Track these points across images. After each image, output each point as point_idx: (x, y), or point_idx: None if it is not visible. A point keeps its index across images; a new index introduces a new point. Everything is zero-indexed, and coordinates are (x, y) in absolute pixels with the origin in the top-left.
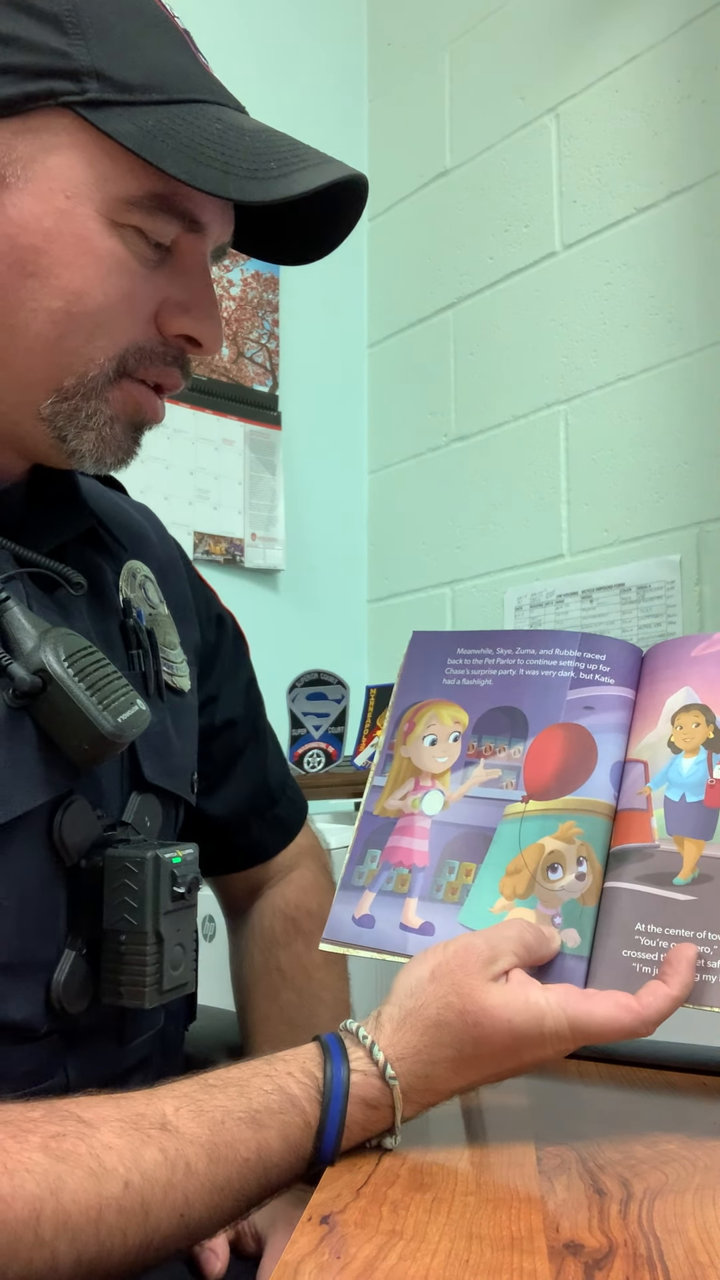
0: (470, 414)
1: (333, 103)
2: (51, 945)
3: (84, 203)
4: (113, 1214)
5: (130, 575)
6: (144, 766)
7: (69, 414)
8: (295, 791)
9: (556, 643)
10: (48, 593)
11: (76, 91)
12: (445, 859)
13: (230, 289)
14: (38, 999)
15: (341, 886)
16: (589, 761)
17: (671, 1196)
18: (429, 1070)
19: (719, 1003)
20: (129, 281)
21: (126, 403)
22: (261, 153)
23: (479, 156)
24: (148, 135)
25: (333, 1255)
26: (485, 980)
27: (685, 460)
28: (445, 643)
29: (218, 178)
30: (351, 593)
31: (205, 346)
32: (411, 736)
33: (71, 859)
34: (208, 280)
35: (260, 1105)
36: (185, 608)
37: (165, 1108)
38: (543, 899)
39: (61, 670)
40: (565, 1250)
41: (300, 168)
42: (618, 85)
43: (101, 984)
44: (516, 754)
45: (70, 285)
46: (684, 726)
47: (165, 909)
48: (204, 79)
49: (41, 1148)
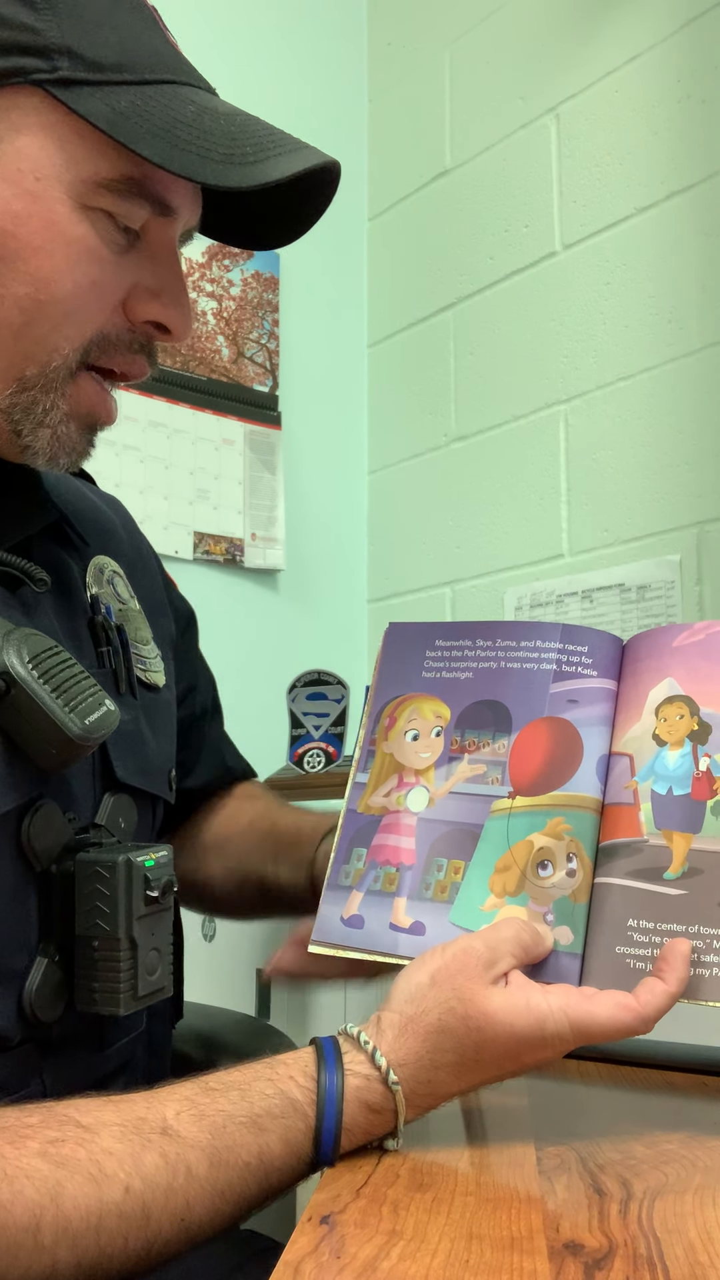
0: (470, 414)
1: (333, 103)
2: (23, 953)
3: (53, 185)
4: (113, 1219)
5: (98, 571)
6: (116, 766)
7: (26, 406)
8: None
9: (537, 634)
10: (10, 590)
11: (47, 69)
12: (433, 857)
13: (230, 289)
14: (9, 1008)
15: (328, 886)
16: (575, 756)
17: (671, 1196)
18: (431, 1076)
19: (714, 996)
20: (98, 268)
21: (81, 401)
22: (237, 137)
23: (479, 156)
24: (120, 116)
25: (333, 1255)
26: (486, 984)
27: (685, 460)
28: (423, 634)
29: (193, 161)
30: (351, 593)
31: (174, 333)
32: (393, 732)
33: (42, 864)
34: (177, 265)
35: (261, 1109)
36: (159, 602)
37: (166, 1112)
38: (534, 896)
39: (25, 672)
40: (565, 1250)
41: (276, 153)
42: (618, 85)
43: (75, 991)
44: (501, 749)
45: (39, 271)
46: (668, 719)
47: (139, 913)
48: (175, 59)
49: (40, 1153)
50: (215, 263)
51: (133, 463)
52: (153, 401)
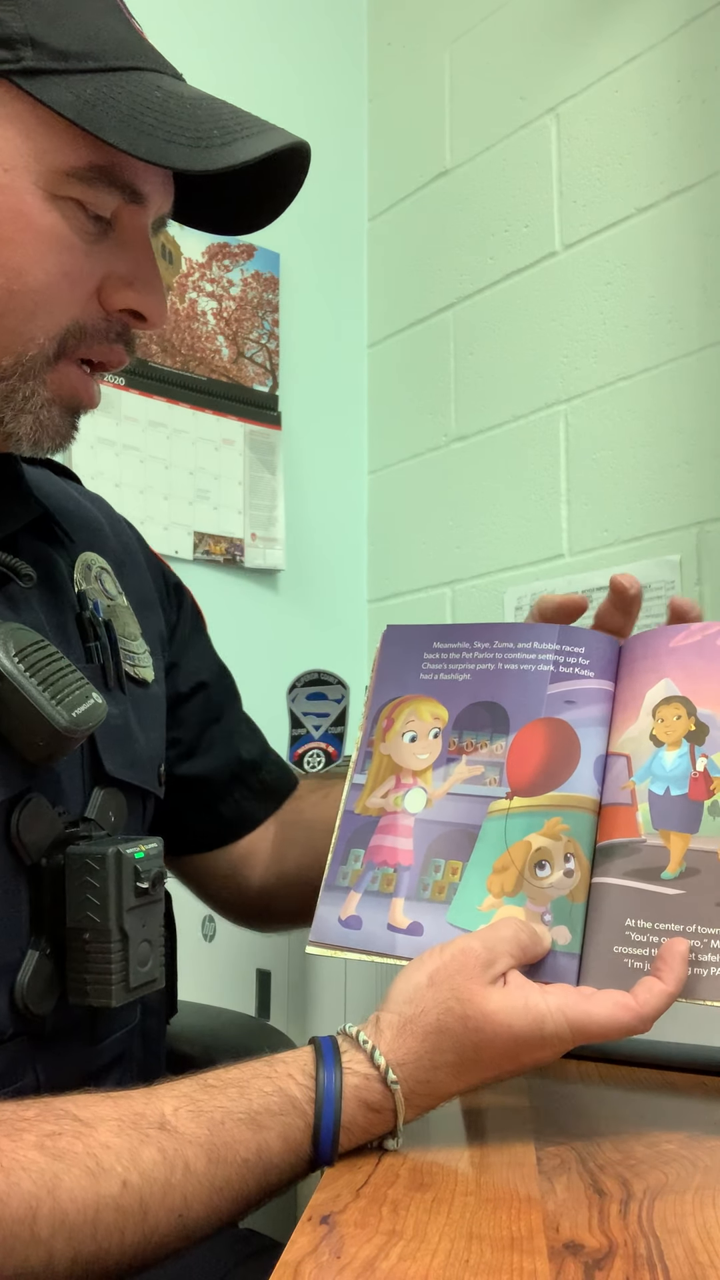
0: (470, 414)
1: (333, 103)
2: (14, 946)
3: (21, 176)
4: (110, 1213)
5: (85, 568)
6: (105, 760)
7: (5, 395)
8: (281, 761)
9: (534, 636)
10: None
11: (11, 60)
12: (431, 857)
13: (230, 289)
14: (2, 1001)
15: (325, 887)
16: (572, 757)
17: (671, 1196)
18: (430, 1076)
19: (712, 996)
20: (69, 258)
21: (63, 386)
22: (204, 121)
23: (479, 156)
24: (86, 104)
25: (332, 1255)
26: (484, 985)
27: (685, 460)
28: (421, 637)
29: (160, 147)
30: (351, 593)
31: (150, 320)
32: (391, 733)
33: (31, 858)
34: (150, 253)
35: (260, 1106)
36: (148, 598)
37: (164, 1107)
38: (531, 896)
39: (11, 666)
40: (565, 1250)
41: (243, 135)
42: (618, 85)
43: (67, 984)
44: (499, 750)
45: (9, 262)
46: (665, 719)
47: (129, 905)
48: (140, 45)
49: (37, 1146)
50: (215, 263)
51: (133, 463)
52: (153, 401)
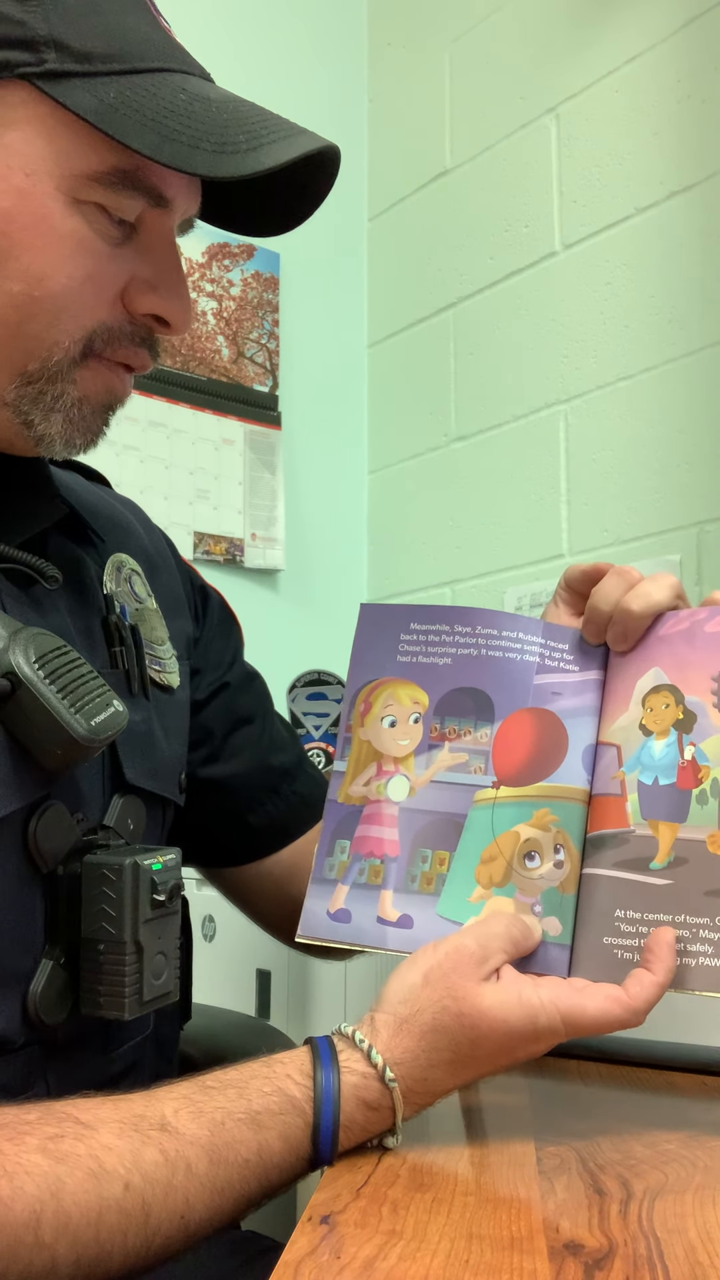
0: (470, 414)
1: (333, 103)
2: (28, 955)
3: (43, 180)
4: (113, 1216)
5: (116, 569)
6: (125, 768)
7: (34, 397)
8: (316, 770)
9: (519, 626)
10: (23, 588)
11: (34, 63)
12: (417, 847)
13: (230, 289)
14: (14, 1010)
15: (313, 880)
16: (560, 747)
17: (671, 1196)
18: (427, 1074)
19: (700, 986)
20: (92, 262)
21: (95, 383)
22: (229, 125)
23: (479, 156)
24: (109, 108)
25: (332, 1255)
26: (478, 982)
27: (685, 460)
28: (397, 617)
29: (184, 152)
30: (351, 593)
31: (174, 326)
32: (369, 717)
33: (48, 866)
34: (175, 257)
35: (260, 1106)
36: (177, 602)
37: (165, 1109)
38: (521, 887)
39: (31, 672)
40: (565, 1250)
41: (270, 140)
42: (618, 85)
43: (80, 994)
44: (483, 738)
45: (31, 267)
46: (654, 709)
47: (145, 917)
48: (167, 45)
49: (40, 1149)
50: (215, 263)
51: (133, 463)
52: (153, 401)
